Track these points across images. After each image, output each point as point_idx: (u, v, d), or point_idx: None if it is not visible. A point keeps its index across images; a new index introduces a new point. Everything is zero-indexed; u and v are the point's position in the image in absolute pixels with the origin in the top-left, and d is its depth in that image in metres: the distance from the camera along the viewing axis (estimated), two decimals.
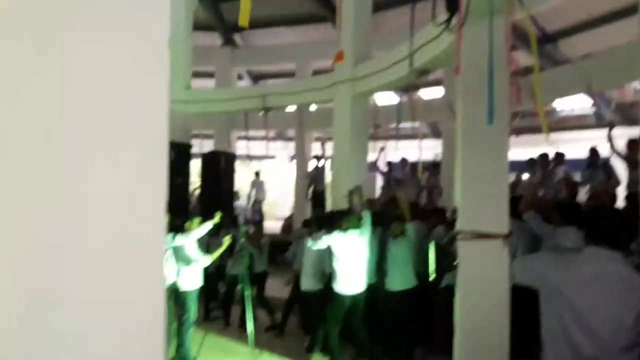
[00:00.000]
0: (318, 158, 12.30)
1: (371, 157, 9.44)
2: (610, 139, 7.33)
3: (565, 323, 2.23)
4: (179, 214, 7.46)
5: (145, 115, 1.38)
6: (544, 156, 8.74)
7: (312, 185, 12.29)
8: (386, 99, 15.54)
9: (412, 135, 12.24)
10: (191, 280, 5.92)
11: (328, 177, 12.48)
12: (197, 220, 6.08)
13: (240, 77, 16.26)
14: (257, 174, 14.90)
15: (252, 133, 13.10)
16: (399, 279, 5.85)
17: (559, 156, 8.53)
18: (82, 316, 1.11)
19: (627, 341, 2.16)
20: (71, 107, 1.13)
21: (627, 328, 2.16)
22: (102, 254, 1.16)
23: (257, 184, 14.74)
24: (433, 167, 10.85)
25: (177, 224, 6.61)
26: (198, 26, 12.60)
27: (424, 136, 13.04)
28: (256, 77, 16.89)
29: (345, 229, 5.76)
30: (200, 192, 10.39)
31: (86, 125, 1.16)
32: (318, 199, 11.52)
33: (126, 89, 1.30)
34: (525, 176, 9.06)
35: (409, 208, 6.27)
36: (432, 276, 5.42)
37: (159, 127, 1.43)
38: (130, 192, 1.27)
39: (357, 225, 5.76)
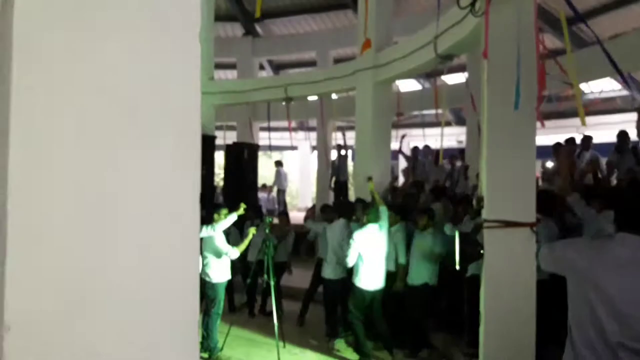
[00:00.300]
0: (340, 147, 12.26)
1: (394, 145, 9.36)
2: (639, 123, 7.14)
3: (595, 309, 2.17)
4: (204, 206, 7.53)
5: (179, 106, 1.38)
6: (570, 141, 8.55)
7: (334, 175, 12.27)
8: (409, 85, 15.39)
9: (435, 123, 12.09)
10: (220, 272, 5.96)
11: (351, 166, 12.46)
12: (224, 211, 6.11)
13: (262, 67, 16.26)
14: (279, 163, 14.94)
15: (274, 124, 13.15)
16: (420, 273, 5.82)
17: (586, 140, 8.32)
18: (118, 310, 1.12)
19: None
20: (108, 99, 1.14)
21: None
22: (138, 248, 1.18)
23: (280, 174, 14.82)
24: (455, 155, 10.72)
25: (201, 215, 6.68)
26: (219, 17, 12.64)
27: (447, 123, 12.88)
28: (278, 67, 16.86)
29: (364, 223, 5.76)
30: (224, 183, 10.48)
31: (120, 119, 1.17)
32: (341, 188, 11.51)
33: (161, 80, 1.31)
34: (550, 164, 8.89)
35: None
36: (457, 265, 5.37)
37: (192, 117, 1.43)
38: (165, 183, 1.28)
39: (376, 219, 5.75)
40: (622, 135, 7.62)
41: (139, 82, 1.22)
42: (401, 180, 10.18)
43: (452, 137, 15.17)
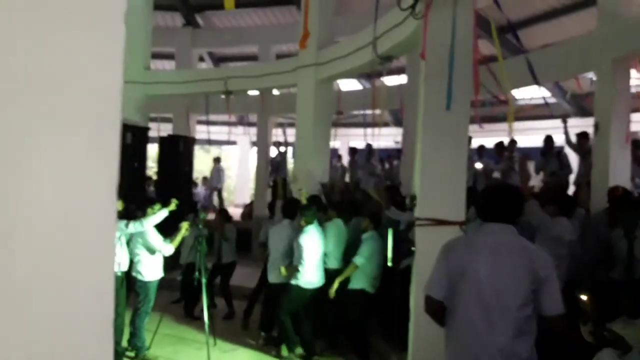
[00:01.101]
0: (279, 144, 12.21)
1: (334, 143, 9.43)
2: (565, 130, 7.54)
3: (474, 290, 2.57)
4: (135, 200, 7.27)
5: (96, 93, 1.29)
6: (499, 145, 8.94)
7: (274, 172, 12.21)
8: (350, 85, 15.53)
9: (375, 123, 12.26)
10: (152, 270, 5.75)
11: (290, 164, 12.43)
12: (157, 207, 5.88)
13: (201, 59, 15.92)
14: (217, 160, 14.68)
15: (212, 117, 12.89)
16: (358, 278, 5.76)
17: (513, 143, 8.75)
18: (27, 305, 1.04)
19: (524, 299, 2.50)
20: (12, 84, 1.04)
21: (524, 288, 2.50)
22: (47, 240, 1.10)
23: (218, 170, 14.57)
24: (388, 157, 10.96)
25: (132, 210, 6.42)
26: (158, 6, 12.26)
27: (385, 124, 13.10)
28: (218, 60, 16.57)
29: (305, 224, 5.76)
30: (158, 177, 10.17)
31: (29, 104, 1.07)
32: (280, 184, 11.46)
33: (75, 66, 1.21)
34: (478, 165, 9.25)
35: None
36: (389, 262, 5.45)
37: (111, 106, 1.34)
38: (78, 175, 1.19)
39: (313, 219, 5.77)
40: (548, 140, 8.01)
41: (49, 65, 1.13)
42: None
43: (390, 137, 15.47)
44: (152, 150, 11.77)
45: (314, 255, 5.69)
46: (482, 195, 2.85)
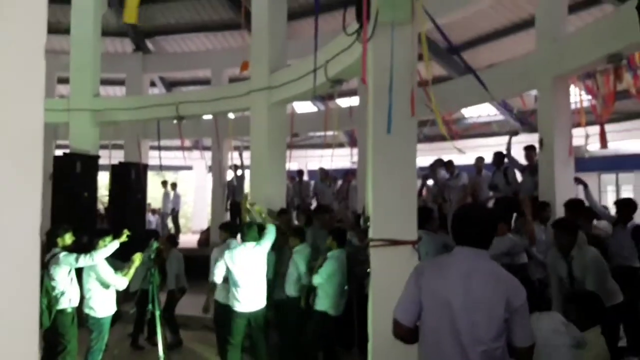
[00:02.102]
0: (236, 167, 12.13)
1: (289, 165, 9.43)
2: (508, 147, 7.78)
3: (447, 318, 2.44)
4: (86, 231, 7.04)
5: (15, 131, 1.26)
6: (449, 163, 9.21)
7: (230, 195, 12.09)
8: (305, 107, 15.64)
9: (330, 144, 12.37)
10: (105, 305, 5.51)
11: (247, 186, 12.35)
12: (108, 238, 5.65)
13: (153, 84, 15.75)
14: (164, 183, 14.37)
15: (167, 142, 12.72)
16: (320, 299, 5.64)
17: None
18: None
19: (497, 331, 2.39)
20: None
21: (498, 319, 2.39)
22: None
23: (168, 195, 14.28)
24: (345, 175, 11.07)
25: (84, 242, 6.19)
26: (107, 32, 12.09)
27: (340, 145, 13.24)
28: (170, 84, 16.43)
29: (243, 241, 5.64)
30: (109, 206, 9.89)
31: None
32: (237, 209, 11.35)
33: None
34: (430, 182, 9.48)
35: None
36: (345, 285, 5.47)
37: (32, 143, 1.31)
38: None
39: (256, 237, 5.64)
40: (497, 156, 8.26)
41: None
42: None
43: (346, 157, 15.62)
44: (104, 178, 11.48)
45: (246, 274, 5.50)
46: (454, 218, 2.69)
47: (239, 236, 6.07)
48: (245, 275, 5.47)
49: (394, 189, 4.51)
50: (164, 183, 14.32)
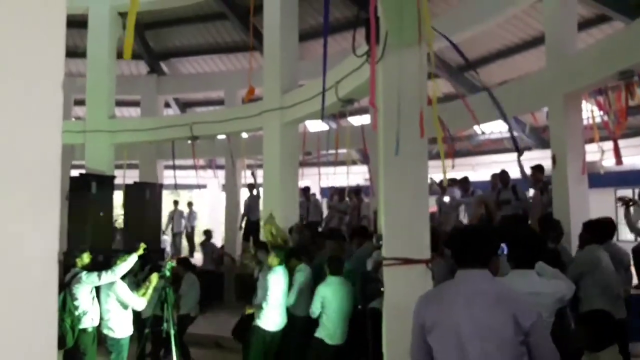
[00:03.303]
0: (251, 187, 12.20)
1: (302, 183, 9.50)
2: (519, 163, 7.78)
3: (457, 348, 2.30)
4: (102, 250, 7.13)
5: (34, 159, 1.32)
6: (464, 180, 9.17)
7: (246, 214, 12.14)
8: (317, 125, 15.73)
9: (341, 162, 12.43)
10: (123, 325, 5.58)
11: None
12: (125, 257, 5.73)
13: (168, 105, 15.98)
14: (189, 203, 14.53)
15: (181, 162, 12.85)
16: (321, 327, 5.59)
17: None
18: None
19: (514, 352, 2.25)
20: None
21: (511, 343, 2.24)
22: None
23: (189, 213, 14.41)
24: (356, 192, 11.05)
25: (100, 262, 6.28)
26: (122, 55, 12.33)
27: (353, 163, 13.28)
28: (184, 105, 16.65)
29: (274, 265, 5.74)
30: (124, 226, 10.00)
31: None
32: (252, 228, 11.38)
33: (12, 132, 1.25)
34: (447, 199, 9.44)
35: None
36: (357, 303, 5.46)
37: (49, 170, 1.37)
38: (16, 236, 1.22)
39: (282, 260, 5.77)
40: (503, 173, 8.29)
41: None
42: None
43: (360, 175, 15.64)
44: (119, 198, 11.62)
45: (277, 296, 5.63)
46: (453, 238, 2.59)
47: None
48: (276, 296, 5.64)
49: (405, 208, 4.53)
50: (176, 203, 14.44)
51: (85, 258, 5.68)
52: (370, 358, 5.72)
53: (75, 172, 10.82)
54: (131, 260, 5.62)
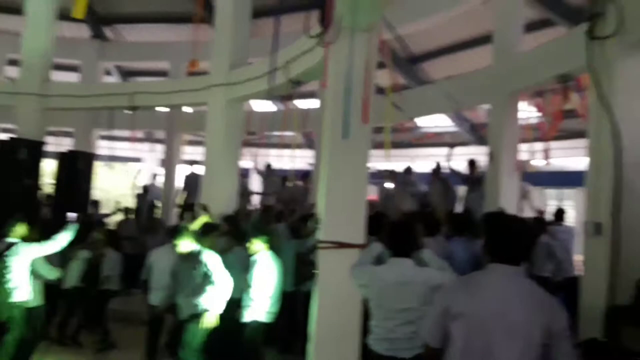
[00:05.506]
0: (192, 163, 11.90)
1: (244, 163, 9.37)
2: (448, 158, 8.12)
3: (481, 342, 2.27)
4: (27, 220, 6.76)
5: None
6: (407, 170, 9.39)
7: (186, 191, 11.83)
8: (264, 105, 15.54)
9: (289, 145, 12.37)
10: (31, 295, 5.31)
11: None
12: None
13: (108, 73, 15.34)
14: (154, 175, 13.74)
15: (118, 133, 12.40)
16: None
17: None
18: None
19: (534, 357, 2.23)
20: None
21: (535, 347, 2.22)
22: None
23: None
24: (302, 176, 11.05)
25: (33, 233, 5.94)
26: (65, 16, 11.68)
27: (298, 146, 13.23)
28: (127, 74, 16.02)
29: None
30: (54, 195, 9.54)
31: None
32: (189, 206, 11.13)
33: None
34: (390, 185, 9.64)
35: None
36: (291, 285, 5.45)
37: None
38: None
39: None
40: (436, 166, 8.66)
41: None
42: None
43: (305, 159, 15.62)
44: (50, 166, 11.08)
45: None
46: (492, 231, 2.47)
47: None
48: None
49: (345, 193, 4.55)
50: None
51: (22, 229, 5.37)
52: (300, 338, 5.75)
53: (4, 136, 10.24)
54: (62, 239, 5.36)
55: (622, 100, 4.63)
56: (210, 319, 4.93)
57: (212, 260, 5.04)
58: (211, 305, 4.94)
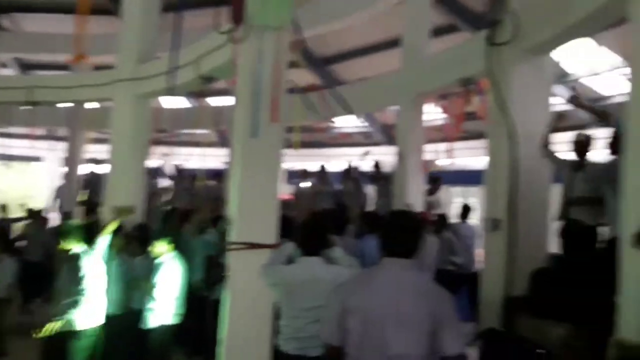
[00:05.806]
0: (97, 162, 11.29)
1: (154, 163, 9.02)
2: (363, 158, 8.45)
3: (375, 334, 2.32)
4: None
5: None
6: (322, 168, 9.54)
7: (87, 190, 11.22)
8: (175, 102, 15.08)
9: (199, 143, 12.07)
10: None
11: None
12: None
13: (4, 65, 14.23)
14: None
15: (15, 130, 11.55)
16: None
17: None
18: None
19: (426, 348, 2.29)
20: None
21: (426, 335, 2.29)
22: None
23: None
24: (214, 175, 10.87)
25: None
26: None
27: (211, 144, 12.98)
28: (25, 67, 14.93)
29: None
30: None
31: None
32: (92, 206, 10.53)
33: None
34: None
35: None
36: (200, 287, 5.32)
37: None
38: None
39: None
40: (348, 166, 8.98)
41: None
42: None
43: (218, 157, 15.32)
44: None
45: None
46: (384, 228, 2.55)
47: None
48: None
49: (257, 193, 4.50)
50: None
51: None
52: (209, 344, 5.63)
53: None
54: None
55: (518, 103, 4.95)
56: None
57: (92, 264, 4.67)
58: (81, 317, 4.58)
